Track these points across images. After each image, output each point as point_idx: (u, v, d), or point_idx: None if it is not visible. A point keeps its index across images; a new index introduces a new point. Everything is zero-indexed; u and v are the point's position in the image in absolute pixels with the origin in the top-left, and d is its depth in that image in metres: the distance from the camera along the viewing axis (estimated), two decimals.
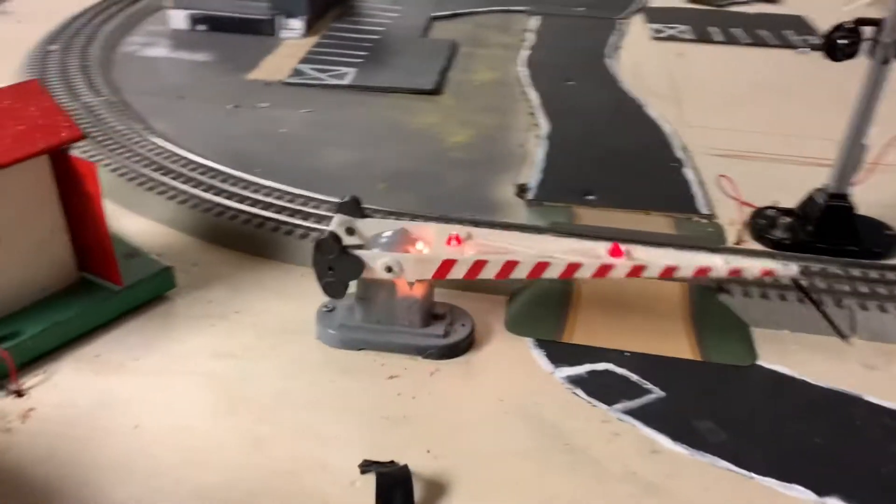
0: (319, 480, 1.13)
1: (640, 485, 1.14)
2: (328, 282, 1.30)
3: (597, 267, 1.28)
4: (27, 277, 1.33)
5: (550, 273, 1.29)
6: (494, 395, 1.30)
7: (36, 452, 1.15)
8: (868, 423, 1.27)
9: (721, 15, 3.28)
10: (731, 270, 1.28)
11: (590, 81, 2.54)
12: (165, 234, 1.68)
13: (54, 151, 1.29)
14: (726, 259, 1.28)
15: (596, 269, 1.28)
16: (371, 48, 2.73)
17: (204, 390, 1.27)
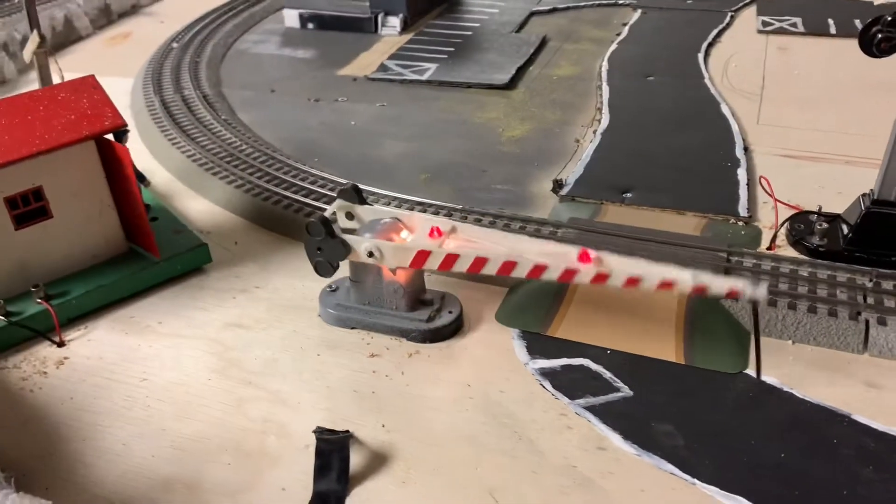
0: (279, 442, 1.24)
1: (574, 479, 1.16)
2: (317, 261, 1.41)
3: (561, 270, 1.29)
4: (79, 247, 1.55)
5: (517, 272, 1.32)
6: (464, 380, 1.35)
7: (60, 394, 1.35)
8: (846, 442, 1.20)
9: (845, 5, 3.05)
10: (697, 287, 1.25)
11: (671, 77, 2.48)
12: (219, 215, 1.86)
13: (99, 137, 1.49)
14: (694, 275, 1.25)
15: (560, 273, 1.30)
16: (459, 44, 2.82)
17: (207, 354, 1.43)
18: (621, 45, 2.76)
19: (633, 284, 1.27)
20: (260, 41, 2.99)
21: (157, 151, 2.14)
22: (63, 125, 1.45)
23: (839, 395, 1.29)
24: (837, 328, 1.39)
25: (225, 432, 1.26)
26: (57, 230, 1.51)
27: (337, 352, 1.42)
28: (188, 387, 1.36)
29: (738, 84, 2.43)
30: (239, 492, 1.16)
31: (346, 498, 1.14)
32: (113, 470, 1.20)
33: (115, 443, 1.25)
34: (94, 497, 1.15)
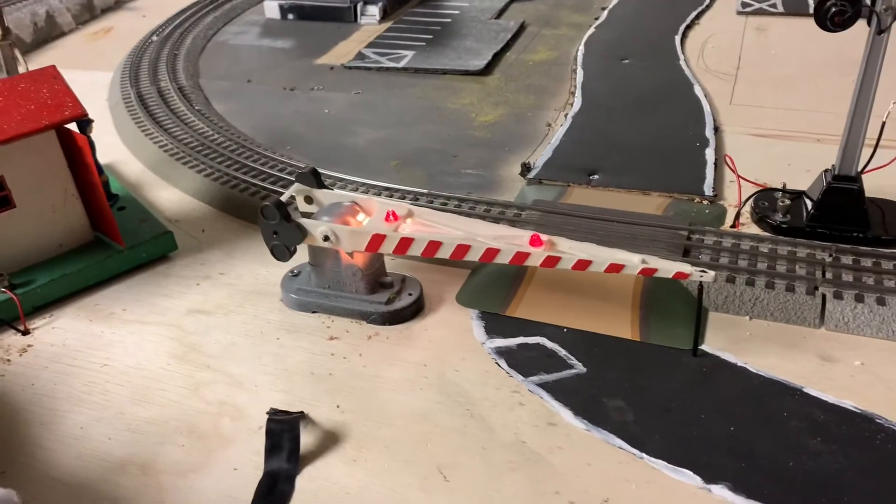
0: (234, 424, 1.25)
1: (523, 454, 1.17)
2: (274, 245, 1.42)
3: (513, 253, 1.30)
4: (44, 236, 1.56)
5: (471, 256, 1.33)
6: (420, 360, 1.36)
7: (21, 381, 1.37)
8: (796, 415, 1.21)
9: None
10: (645, 270, 1.25)
11: (647, 59, 2.48)
12: (189, 203, 1.87)
13: (60, 127, 1.50)
14: (643, 258, 1.26)
15: (513, 256, 1.30)
16: (438, 32, 2.82)
17: (168, 339, 1.44)
18: (599, 29, 2.76)
19: (582, 267, 1.28)
20: (240, 32, 3.00)
21: (130, 143, 2.15)
22: (23, 115, 1.46)
23: (793, 368, 1.30)
24: (794, 303, 1.39)
25: (181, 415, 1.28)
26: (20, 219, 1.52)
27: (297, 335, 1.43)
28: (147, 371, 1.37)
29: (714, 65, 2.42)
30: (191, 471, 1.17)
31: (296, 476, 1.15)
32: (69, 453, 1.21)
33: (74, 427, 1.27)
34: (48, 479, 1.17)
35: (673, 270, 1.25)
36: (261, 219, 1.40)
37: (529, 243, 1.31)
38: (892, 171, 1.57)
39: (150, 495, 1.14)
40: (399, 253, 1.37)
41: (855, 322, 1.36)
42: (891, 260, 1.46)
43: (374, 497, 1.12)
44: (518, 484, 1.13)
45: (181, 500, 1.13)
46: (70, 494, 1.15)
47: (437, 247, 1.34)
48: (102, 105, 2.41)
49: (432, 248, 1.34)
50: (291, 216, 1.39)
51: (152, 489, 1.15)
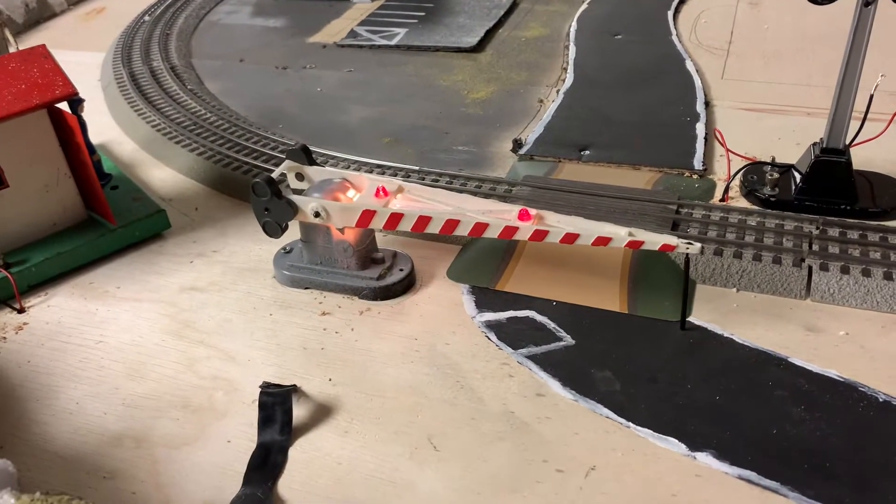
0: (228, 398, 1.27)
1: (511, 424, 1.19)
2: (265, 222, 1.43)
3: (502, 228, 1.31)
4: (38, 215, 1.57)
5: (460, 230, 1.34)
6: (411, 334, 1.38)
7: (17, 358, 1.38)
8: (781, 384, 1.22)
9: None
10: (632, 242, 1.27)
11: (639, 35, 2.47)
12: (182, 182, 1.88)
13: (51, 106, 1.50)
14: (630, 231, 1.27)
15: (501, 230, 1.31)
16: (430, 9, 2.81)
17: (162, 316, 1.46)
18: (592, 6, 2.75)
19: (570, 240, 1.29)
20: (232, 12, 2.98)
21: (123, 123, 2.15)
22: (14, 95, 1.46)
23: (779, 339, 1.31)
24: (781, 275, 1.41)
25: (175, 390, 1.29)
26: (14, 199, 1.53)
27: (289, 311, 1.45)
28: (142, 347, 1.39)
29: (706, 40, 2.42)
30: (185, 444, 1.19)
31: (289, 448, 1.17)
32: (65, 428, 1.23)
33: (69, 402, 1.28)
34: (45, 453, 1.19)
35: (659, 243, 1.26)
36: (252, 196, 1.41)
37: (518, 218, 1.32)
38: (881, 143, 1.58)
39: (144, 467, 1.16)
40: (389, 228, 1.38)
41: (840, 293, 1.37)
42: (876, 232, 1.47)
43: (365, 467, 1.14)
44: (507, 453, 1.15)
45: (176, 472, 1.15)
46: (66, 467, 1.17)
47: (426, 222, 1.35)
48: (95, 85, 2.41)
49: (422, 223, 1.36)
50: (282, 193, 1.40)
51: (147, 461, 1.17)
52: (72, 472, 1.16)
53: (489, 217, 1.33)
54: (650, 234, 1.28)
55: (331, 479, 1.13)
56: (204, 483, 1.13)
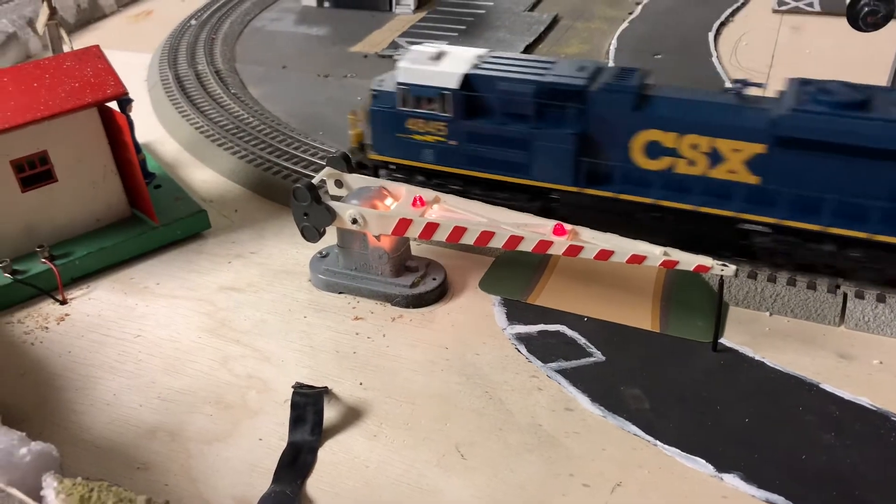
0: (260, 396, 1.30)
1: (539, 437, 1.20)
2: (304, 226, 1.45)
3: (536, 242, 1.33)
4: (83, 210, 1.62)
5: (494, 242, 1.35)
6: (442, 343, 1.39)
7: (59, 348, 1.42)
8: (811, 410, 1.22)
9: None
10: (666, 262, 1.27)
11: (679, 55, 2.47)
12: (223, 184, 1.92)
13: (101, 105, 1.55)
14: (665, 251, 1.28)
15: (535, 244, 1.33)
16: (471, 23, 2.84)
17: (199, 314, 1.49)
18: (633, 24, 2.76)
19: (604, 257, 1.30)
20: (276, 19, 3.04)
21: (167, 123, 2.20)
22: (67, 92, 1.51)
23: (810, 364, 1.31)
24: (815, 300, 1.40)
25: (210, 386, 1.32)
26: (62, 194, 1.58)
27: (323, 314, 1.47)
28: (179, 343, 1.42)
29: (746, 63, 2.42)
30: (217, 440, 1.21)
31: (318, 448, 1.19)
32: (101, 418, 1.27)
33: (107, 393, 1.32)
34: (81, 442, 1.22)
35: (694, 263, 1.26)
36: (292, 200, 1.43)
37: (553, 232, 1.34)
38: None
39: (177, 461, 1.19)
40: (424, 237, 1.40)
41: (875, 322, 1.36)
42: None
43: (393, 471, 1.15)
44: (533, 465, 1.15)
45: (208, 467, 1.17)
46: (101, 456, 1.20)
47: (461, 232, 1.37)
48: (141, 86, 2.46)
49: (457, 234, 1.37)
50: (322, 198, 1.43)
51: (180, 455, 1.20)
52: (106, 462, 1.19)
53: (524, 231, 1.35)
54: (685, 254, 1.28)
55: (359, 482, 1.14)
56: (234, 479, 1.15)
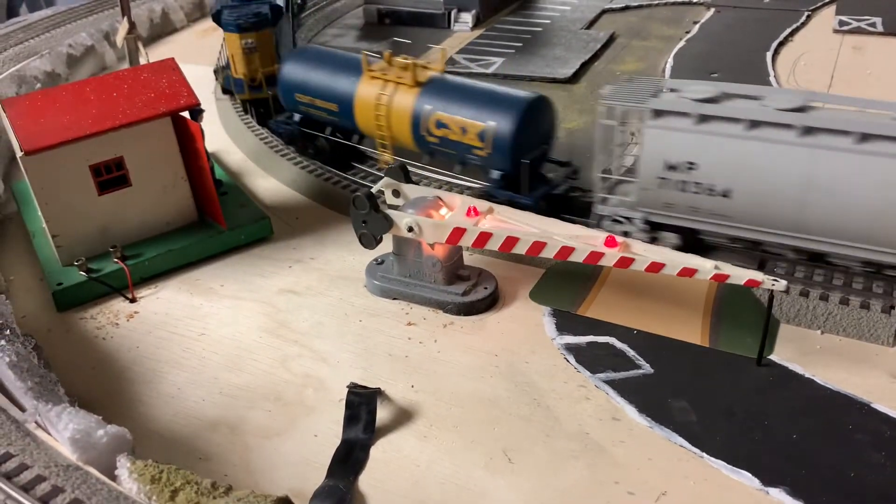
0: (317, 395, 1.35)
1: (585, 444, 1.22)
2: (362, 234, 1.51)
3: (588, 253, 1.35)
4: (154, 214, 1.70)
5: (546, 252, 1.38)
6: (492, 350, 1.43)
7: (128, 343, 1.50)
8: (861, 429, 1.22)
9: None
10: (717, 276, 1.29)
11: (736, 75, 2.47)
12: (285, 193, 2.00)
13: (175, 114, 1.63)
14: (716, 265, 1.29)
15: (587, 255, 1.36)
16: (528, 40, 2.88)
17: (260, 315, 1.55)
18: (689, 43, 2.77)
19: (655, 269, 1.32)
20: (338, 35, 3.13)
21: (233, 134, 2.30)
22: (143, 102, 1.60)
23: (861, 383, 1.30)
24: (868, 320, 1.39)
25: (269, 383, 1.38)
26: (135, 198, 1.67)
27: (377, 319, 1.52)
28: (240, 342, 1.48)
29: (805, 83, 2.40)
30: (275, 435, 1.27)
31: (370, 446, 1.23)
32: (166, 410, 1.33)
33: (171, 387, 1.39)
34: (148, 432, 1.29)
35: (745, 277, 1.28)
36: (352, 208, 1.49)
37: (604, 244, 1.36)
38: None
39: (237, 453, 1.25)
40: (477, 246, 1.44)
41: None
42: None
43: (441, 471, 1.19)
44: (579, 471, 1.18)
45: (265, 460, 1.23)
46: (166, 446, 1.26)
47: (514, 242, 1.40)
48: (209, 97, 2.57)
49: (509, 244, 1.41)
50: (380, 207, 1.48)
51: (239, 448, 1.26)
52: (170, 452, 1.25)
53: (576, 242, 1.38)
54: (736, 268, 1.30)
55: (408, 480, 1.18)
56: (290, 472, 1.20)
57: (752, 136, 1.45)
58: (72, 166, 1.58)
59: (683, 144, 1.50)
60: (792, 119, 1.41)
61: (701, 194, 1.51)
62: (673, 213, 1.56)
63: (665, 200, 1.55)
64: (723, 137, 1.47)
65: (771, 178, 1.45)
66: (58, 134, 1.52)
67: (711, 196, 1.50)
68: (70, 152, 1.55)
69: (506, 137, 1.68)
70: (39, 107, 1.56)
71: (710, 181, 1.49)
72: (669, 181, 1.53)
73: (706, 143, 1.48)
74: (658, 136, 1.53)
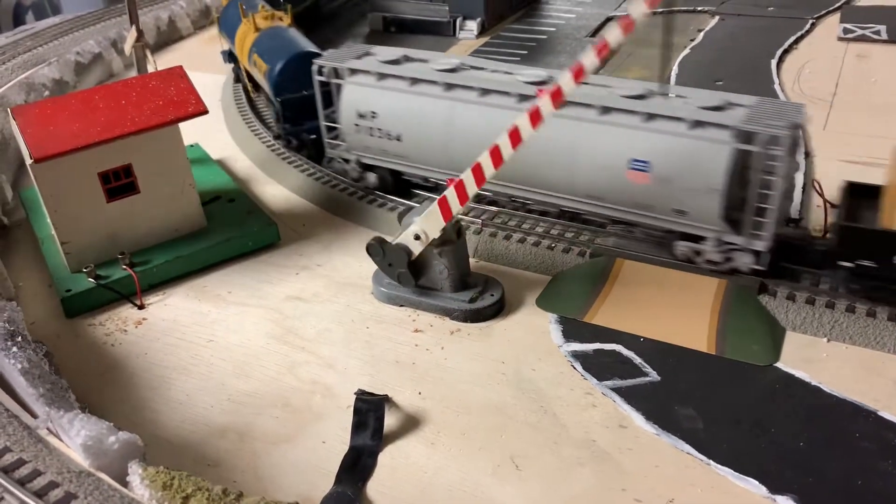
0: (324, 401, 1.35)
1: (592, 452, 1.23)
2: (399, 273, 1.52)
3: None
4: (162, 220, 1.71)
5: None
6: (499, 357, 1.43)
7: (136, 350, 1.51)
8: (868, 437, 1.22)
9: None
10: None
11: (741, 82, 2.48)
12: (291, 199, 2.01)
13: (184, 122, 1.65)
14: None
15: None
16: (533, 48, 2.90)
17: (268, 321, 1.56)
18: (694, 51, 2.78)
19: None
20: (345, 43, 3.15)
21: (240, 140, 2.31)
22: (152, 110, 1.61)
23: (868, 391, 1.31)
24: (875, 328, 1.40)
25: (277, 390, 1.39)
26: (143, 205, 1.68)
27: (384, 326, 1.53)
28: (248, 349, 1.49)
29: (810, 90, 2.41)
30: (283, 441, 1.27)
31: (378, 453, 1.24)
32: (175, 416, 1.34)
33: (180, 393, 1.39)
34: (156, 438, 1.29)
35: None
36: (373, 259, 1.54)
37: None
38: None
39: (245, 460, 1.25)
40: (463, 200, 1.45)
41: None
42: None
43: (449, 478, 1.19)
44: (586, 479, 1.18)
45: (273, 467, 1.23)
46: (175, 452, 1.27)
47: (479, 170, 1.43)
48: (216, 104, 2.58)
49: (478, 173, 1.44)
50: (389, 243, 1.50)
51: (247, 454, 1.26)
52: (179, 458, 1.26)
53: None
54: None
55: (416, 487, 1.19)
56: (298, 479, 1.21)
57: (413, 90, 1.77)
58: (81, 173, 1.59)
59: (368, 97, 1.82)
60: (440, 77, 1.73)
61: (383, 138, 1.83)
62: (371, 154, 1.89)
63: (364, 144, 1.87)
64: (393, 92, 1.79)
65: (426, 124, 1.77)
66: (67, 141, 1.53)
67: (390, 140, 1.83)
68: (79, 160, 1.56)
69: (274, 78, 2.09)
70: (49, 114, 1.57)
71: (387, 127, 1.82)
72: (362, 127, 1.85)
73: (383, 96, 1.81)
74: (351, 90, 1.85)
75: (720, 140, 1.46)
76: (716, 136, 1.46)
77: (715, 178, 1.46)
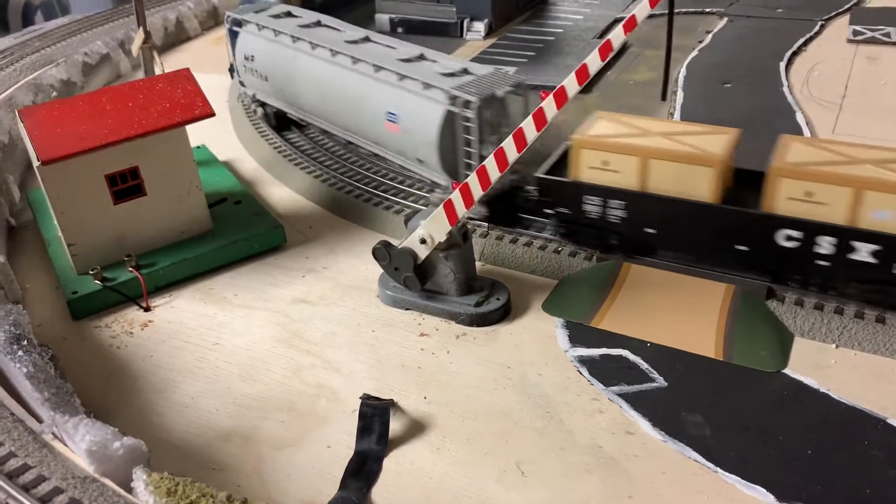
0: (329, 405, 1.35)
1: (599, 458, 1.22)
2: (406, 277, 1.51)
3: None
4: (169, 223, 1.71)
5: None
6: (504, 362, 1.43)
7: (142, 352, 1.51)
8: (878, 445, 1.21)
9: None
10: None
11: (749, 84, 2.47)
12: (298, 201, 2.01)
13: (190, 124, 1.65)
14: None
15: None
16: (540, 49, 2.89)
17: (273, 324, 1.56)
18: (702, 52, 2.76)
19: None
20: None
21: (247, 142, 2.31)
22: (159, 112, 1.61)
23: (878, 399, 1.30)
24: (884, 334, 1.39)
25: (282, 393, 1.38)
26: (150, 207, 1.68)
27: (390, 329, 1.53)
28: (254, 352, 1.49)
29: (819, 93, 2.40)
30: (288, 445, 1.27)
31: (383, 458, 1.23)
32: (180, 420, 1.34)
33: (185, 397, 1.39)
34: (161, 441, 1.29)
35: None
36: (379, 263, 1.53)
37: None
38: None
39: (250, 464, 1.25)
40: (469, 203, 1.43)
41: None
42: None
43: (454, 484, 1.19)
44: (592, 485, 1.18)
45: (278, 471, 1.23)
46: (179, 456, 1.27)
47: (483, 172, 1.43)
48: (223, 106, 2.58)
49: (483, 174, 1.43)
50: (394, 246, 1.49)
51: (252, 459, 1.26)
52: (184, 462, 1.26)
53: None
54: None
55: (421, 493, 1.18)
56: (303, 483, 1.21)
57: (275, 40, 2.14)
58: (88, 176, 1.59)
59: (249, 43, 2.23)
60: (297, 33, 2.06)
61: (261, 79, 2.22)
62: (256, 90, 2.30)
63: (255, 84, 2.27)
64: (263, 40, 2.18)
65: (279, 68, 2.14)
66: (74, 144, 1.53)
67: (263, 81, 2.22)
68: (86, 162, 1.56)
69: None
70: (56, 116, 1.57)
71: (259, 69, 2.21)
72: (249, 69, 2.25)
73: (258, 43, 2.20)
74: (242, 37, 2.26)
75: (438, 100, 1.70)
76: (437, 97, 1.71)
77: (431, 133, 1.71)
